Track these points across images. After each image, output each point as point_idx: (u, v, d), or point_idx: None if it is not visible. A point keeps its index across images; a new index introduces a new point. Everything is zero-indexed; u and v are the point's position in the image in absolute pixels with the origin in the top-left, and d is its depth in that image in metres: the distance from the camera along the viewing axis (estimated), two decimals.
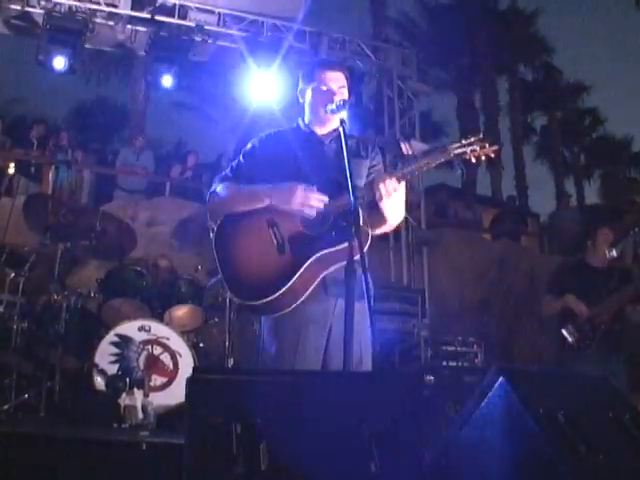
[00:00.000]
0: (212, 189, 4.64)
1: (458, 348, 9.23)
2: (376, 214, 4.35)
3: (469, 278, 14.49)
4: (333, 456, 2.91)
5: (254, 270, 4.30)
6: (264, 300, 4.15)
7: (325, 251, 4.18)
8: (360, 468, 2.90)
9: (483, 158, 4.36)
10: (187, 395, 2.93)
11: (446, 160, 4.34)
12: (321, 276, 4.24)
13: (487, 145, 4.33)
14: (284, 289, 4.12)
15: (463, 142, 4.33)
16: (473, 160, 4.36)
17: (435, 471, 3.69)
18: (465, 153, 4.31)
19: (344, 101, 4.46)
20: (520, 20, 36.50)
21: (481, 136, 4.35)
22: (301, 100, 4.80)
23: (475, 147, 4.31)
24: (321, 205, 4.26)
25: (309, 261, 4.18)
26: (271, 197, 4.35)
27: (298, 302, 4.19)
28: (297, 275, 4.15)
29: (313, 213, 4.26)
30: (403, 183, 4.30)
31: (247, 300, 4.30)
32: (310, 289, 4.21)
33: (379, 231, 4.49)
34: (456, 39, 33.91)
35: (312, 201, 4.25)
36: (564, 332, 7.51)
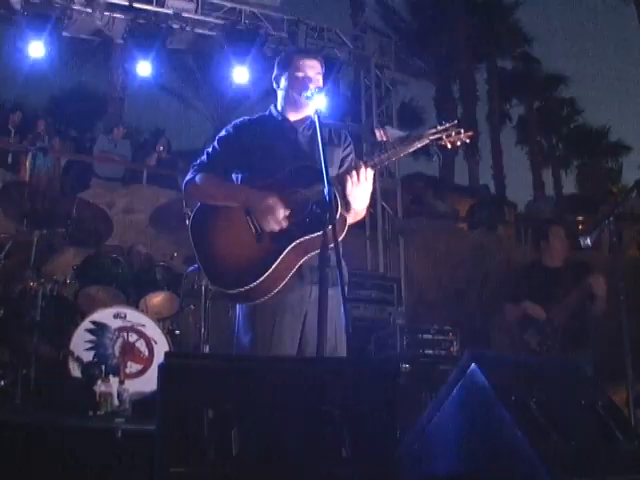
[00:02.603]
0: (189, 177, 4.64)
1: (434, 336, 9.21)
2: (347, 203, 4.37)
3: (445, 267, 14.54)
4: (304, 441, 2.93)
5: (233, 258, 4.31)
6: (243, 288, 4.17)
7: (303, 238, 4.20)
8: (331, 453, 2.92)
9: (459, 144, 4.40)
10: (159, 381, 2.94)
11: (422, 146, 4.37)
12: (299, 263, 4.26)
13: (462, 131, 4.37)
14: (263, 277, 4.14)
15: (439, 128, 4.37)
16: (449, 146, 4.40)
17: (408, 456, 3.71)
18: (441, 139, 4.35)
19: (320, 88, 4.50)
20: (499, 10, 36.48)
21: (456, 122, 4.39)
22: (276, 87, 4.81)
23: (450, 132, 4.35)
24: (276, 227, 4.25)
25: (287, 249, 4.19)
26: (244, 202, 4.36)
27: (276, 290, 4.21)
28: (276, 263, 4.17)
29: (268, 225, 4.25)
30: (372, 172, 4.33)
31: (226, 288, 4.31)
32: (288, 277, 4.23)
33: (349, 220, 4.50)
34: (435, 28, 33.94)
35: (276, 214, 4.25)
36: (526, 337, 7.49)
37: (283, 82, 4.72)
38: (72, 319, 7.82)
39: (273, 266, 4.15)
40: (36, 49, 11.49)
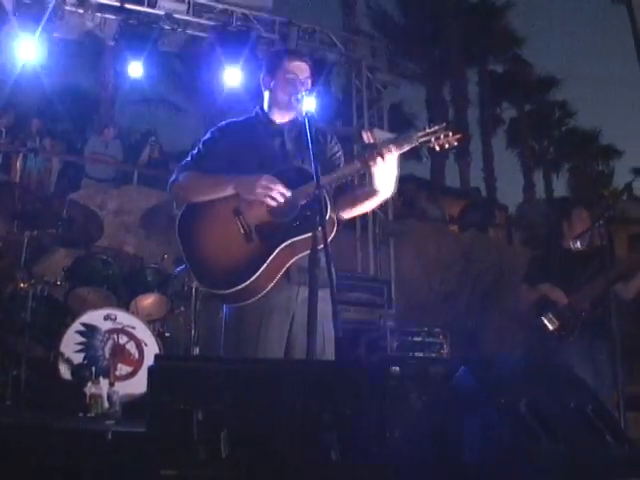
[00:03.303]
0: (173, 178, 4.61)
1: (424, 339, 9.25)
2: (349, 196, 4.44)
3: (436, 269, 14.54)
4: (294, 444, 2.93)
5: (221, 259, 4.30)
6: (233, 289, 4.15)
7: (292, 239, 4.19)
8: (321, 456, 2.92)
9: (447, 147, 4.39)
10: (149, 383, 2.94)
11: (410, 148, 4.36)
12: (288, 264, 4.26)
13: (450, 134, 4.36)
14: (253, 277, 4.13)
15: (427, 130, 4.35)
16: (437, 148, 4.38)
17: (398, 460, 3.72)
18: (429, 141, 4.34)
19: (309, 91, 4.49)
20: (491, 13, 36.49)
21: (444, 124, 4.38)
22: (263, 88, 4.79)
23: (439, 135, 4.34)
24: (281, 199, 4.25)
25: (277, 249, 4.18)
26: (235, 186, 4.35)
27: (265, 291, 4.21)
28: (266, 263, 4.15)
29: (273, 204, 4.26)
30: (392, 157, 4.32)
31: (215, 289, 4.31)
32: (277, 277, 4.23)
33: (370, 203, 4.53)
34: (427, 31, 33.96)
35: (274, 192, 4.24)
36: (544, 319, 7.01)
37: (272, 83, 4.72)
38: (62, 320, 7.83)
39: (263, 267, 4.14)
40: (27, 50, 11.47)
